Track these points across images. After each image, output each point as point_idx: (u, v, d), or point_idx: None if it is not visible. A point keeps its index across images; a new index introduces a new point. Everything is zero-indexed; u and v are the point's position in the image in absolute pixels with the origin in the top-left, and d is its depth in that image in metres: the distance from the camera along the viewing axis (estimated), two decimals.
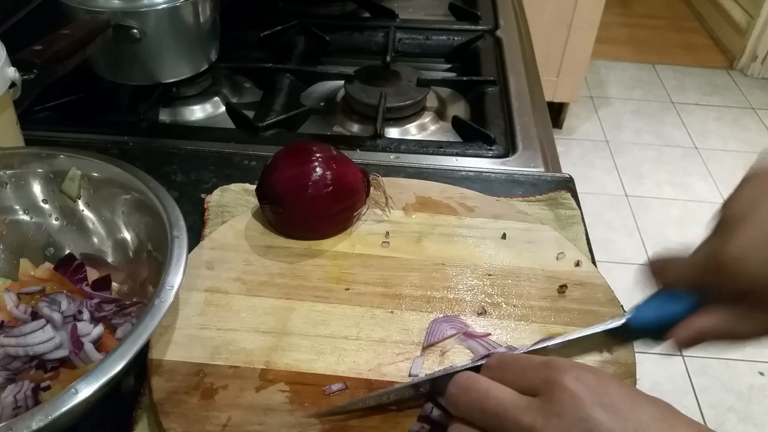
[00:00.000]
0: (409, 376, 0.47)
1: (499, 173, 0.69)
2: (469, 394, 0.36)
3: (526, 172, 0.70)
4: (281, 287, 0.53)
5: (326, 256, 0.57)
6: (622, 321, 0.46)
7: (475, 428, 0.36)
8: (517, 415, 0.34)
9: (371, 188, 0.61)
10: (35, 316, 0.46)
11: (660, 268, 0.45)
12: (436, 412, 0.43)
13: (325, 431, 0.43)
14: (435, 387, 0.43)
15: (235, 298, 0.52)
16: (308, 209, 0.56)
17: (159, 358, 0.47)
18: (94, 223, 0.55)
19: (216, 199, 0.63)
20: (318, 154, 0.57)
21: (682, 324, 0.43)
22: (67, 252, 0.54)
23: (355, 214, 0.59)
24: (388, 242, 0.58)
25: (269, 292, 0.53)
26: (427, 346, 0.49)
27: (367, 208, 0.61)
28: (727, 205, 0.41)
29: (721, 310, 0.41)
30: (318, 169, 0.56)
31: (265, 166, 0.58)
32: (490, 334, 0.50)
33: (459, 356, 0.49)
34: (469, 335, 0.50)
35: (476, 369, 0.40)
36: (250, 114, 0.79)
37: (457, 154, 0.73)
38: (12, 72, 0.56)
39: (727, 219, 0.41)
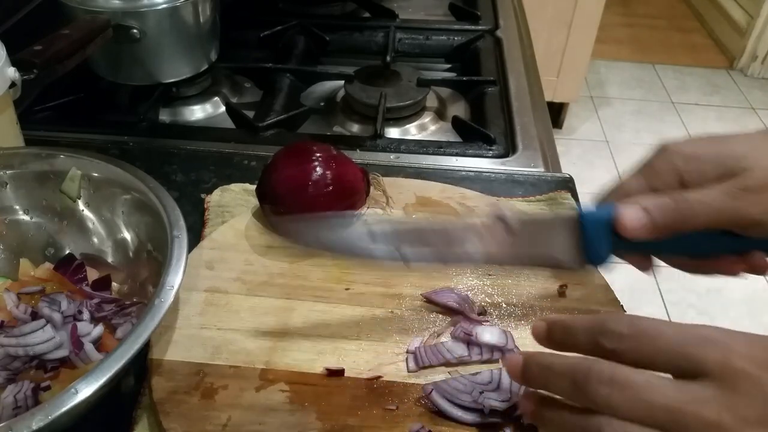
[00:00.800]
0: (406, 353, 0.48)
1: (499, 173, 0.69)
2: (625, 392, 0.31)
3: (526, 172, 0.70)
4: (281, 287, 0.53)
5: (326, 256, 0.56)
6: (574, 213, 0.43)
7: (639, 425, 0.30)
8: (696, 410, 0.29)
9: (371, 188, 0.61)
10: (35, 316, 0.46)
11: (611, 191, 0.44)
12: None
13: (325, 431, 0.43)
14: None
15: (235, 298, 0.52)
16: (308, 209, 0.56)
17: (159, 357, 0.47)
18: (94, 223, 0.55)
19: (216, 199, 0.63)
20: (318, 154, 0.57)
21: (626, 202, 0.40)
22: (67, 252, 0.54)
23: (355, 214, 0.59)
24: None
25: (269, 292, 0.53)
26: (427, 298, 0.52)
27: (367, 208, 0.61)
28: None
29: (665, 191, 0.41)
30: (318, 169, 0.56)
31: (265, 165, 0.58)
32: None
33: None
34: (465, 317, 0.51)
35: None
36: (250, 114, 0.79)
37: (457, 154, 0.73)
38: (12, 72, 0.56)
39: (750, 183, 0.38)
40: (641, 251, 0.43)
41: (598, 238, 0.42)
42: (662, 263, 0.44)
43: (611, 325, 0.33)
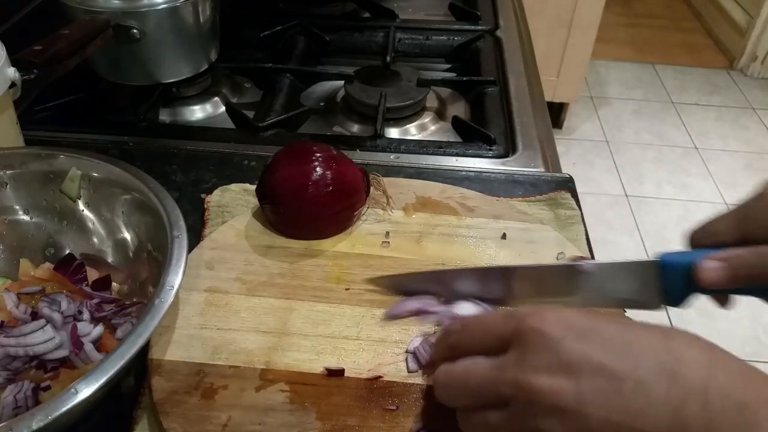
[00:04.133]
0: (406, 352, 0.48)
1: (499, 173, 0.69)
2: (451, 385, 0.37)
3: (526, 172, 0.70)
4: (281, 287, 0.53)
5: (326, 256, 0.57)
6: (653, 257, 0.43)
7: (476, 410, 0.36)
8: (500, 376, 0.34)
9: (371, 188, 0.61)
10: (35, 316, 0.46)
11: (701, 229, 0.43)
12: None
13: (325, 431, 0.43)
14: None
15: (235, 298, 0.52)
16: (308, 209, 0.56)
17: (159, 358, 0.47)
18: (94, 223, 0.55)
19: (216, 199, 0.63)
20: (318, 154, 0.57)
21: (709, 254, 0.40)
22: (67, 252, 0.54)
23: (355, 213, 0.59)
24: (389, 242, 0.58)
25: (269, 292, 0.53)
26: (387, 318, 0.51)
27: (367, 208, 0.61)
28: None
29: (752, 246, 0.39)
30: (318, 169, 0.56)
31: (265, 165, 0.58)
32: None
33: None
34: (431, 312, 0.51)
35: None
36: (250, 114, 0.79)
37: (457, 154, 0.73)
38: (12, 72, 0.56)
39: None
40: (722, 293, 0.43)
41: (675, 282, 0.42)
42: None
43: (449, 327, 0.39)
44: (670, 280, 0.43)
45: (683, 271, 0.41)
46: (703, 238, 0.42)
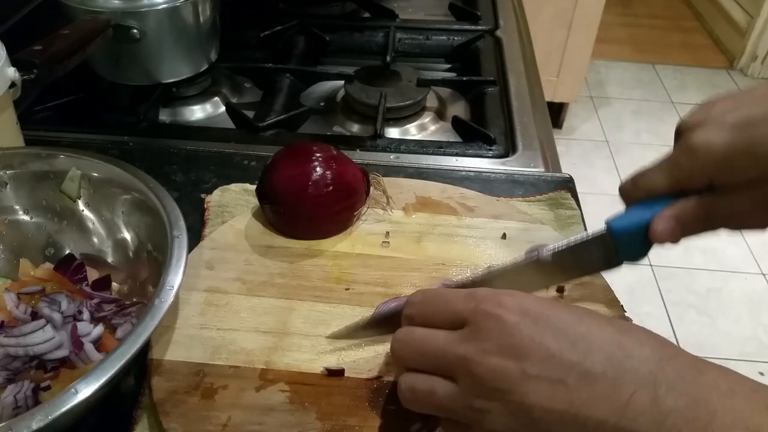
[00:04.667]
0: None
1: (499, 173, 0.69)
2: (408, 345, 0.38)
3: (526, 172, 0.70)
4: (281, 287, 0.53)
5: (326, 256, 0.57)
6: (603, 228, 0.45)
7: (423, 373, 0.37)
8: (451, 349, 0.36)
9: (371, 188, 0.61)
10: (35, 316, 0.46)
11: (632, 185, 0.46)
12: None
13: (325, 431, 0.43)
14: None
15: (235, 298, 0.52)
16: (308, 209, 0.56)
17: (159, 358, 0.47)
18: (94, 223, 0.55)
19: (216, 199, 0.63)
20: (318, 154, 0.57)
21: (659, 215, 0.43)
22: (67, 252, 0.54)
23: (355, 213, 0.59)
24: (388, 242, 0.58)
25: (269, 292, 0.53)
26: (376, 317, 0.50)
27: (368, 208, 0.61)
28: (684, 118, 0.44)
29: (696, 197, 0.42)
30: (318, 169, 0.56)
31: (266, 165, 0.58)
32: None
33: None
34: None
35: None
36: (250, 114, 0.79)
37: (457, 154, 0.73)
38: (12, 72, 0.56)
39: (688, 125, 0.42)
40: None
41: (631, 244, 0.45)
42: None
43: (410, 298, 0.41)
44: (624, 243, 0.45)
45: (635, 233, 0.44)
46: (635, 193, 0.45)
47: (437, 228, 0.60)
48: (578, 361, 0.32)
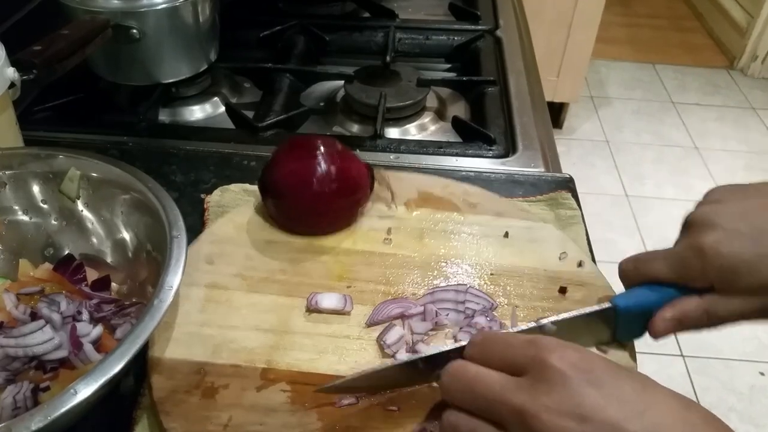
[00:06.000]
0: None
1: (499, 173, 0.69)
2: (460, 381, 0.37)
3: (526, 172, 0.70)
4: (282, 284, 0.53)
5: (328, 252, 0.56)
6: (609, 304, 0.47)
7: (469, 414, 0.36)
8: (506, 396, 0.34)
9: (375, 183, 0.60)
10: (34, 316, 0.46)
11: (634, 269, 0.47)
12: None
13: (326, 431, 0.43)
14: (429, 366, 0.43)
15: (235, 294, 0.52)
16: (311, 204, 0.55)
17: (159, 355, 0.47)
18: (93, 224, 0.55)
19: (216, 199, 0.63)
20: (322, 149, 0.56)
21: (662, 310, 0.45)
22: (67, 252, 0.54)
23: (358, 209, 0.59)
24: (390, 239, 0.58)
25: (270, 288, 0.53)
26: (370, 325, 0.50)
27: (371, 204, 0.61)
28: (693, 214, 0.45)
29: (697, 297, 0.44)
30: (323, 164, 0.55)
31: (269, 159, 0.57)
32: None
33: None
34: (410, 315, 0.51)
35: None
36: (250, 114, 0.79)
37: (457, 154, 0.73)
38: (11, 72, 0.56)
39: (697, 222, 0.44)
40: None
41: (630, 324, 0.47)
42: None
43: (473, 338, 0.40)
44: (625, 323, 0.47)
45: (638, 315, 0.46)
46: (636, 278, 0.47)
47: (439, 224, 0.59)
48: (638, 426, 0.31)
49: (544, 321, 0.46)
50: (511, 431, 0.34)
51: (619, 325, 0.47)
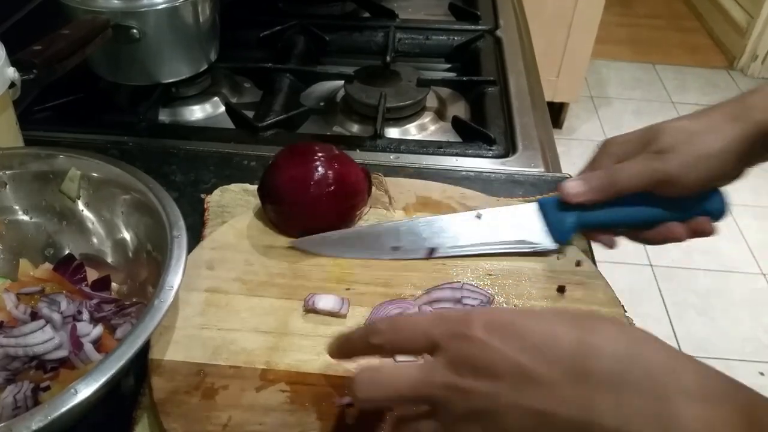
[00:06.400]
0: None
1: (499, 173, 0.69)
2: (378, 385, 0.35)
3: (526, 172, 0.70)
4: (282, 287, 0.53)
5: (327, 256, 0.56)
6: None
7: (410, 420, 0.36)
8: (428, 383, 0.34)
9: (373, 188, 0.60)
10: (35, 316, 0.46)
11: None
12: None
13: (326, 431, 0.43)
14: None
15: (235, 298, 0.52)
16: (310, 208, 0.56)
17: (159, 358, 0.47)
18: (93, 224, 0.55)
19: (216, 199, 0.63)
20: (320, 154, 0.56)
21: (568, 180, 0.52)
22: (67, 252, 0.54)
23: (357, 213, 0.59)
24: None
25: (270, 292, 0.53)
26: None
27: (369, 208, 0.61)
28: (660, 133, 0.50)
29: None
30: (320, 169, 0.55)
31: (268, 165, 0.58)
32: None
33: None
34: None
35: None
36: (250, 114, 0.79)
37: (457, 154, 0.73)
38: (12, 72, 0.56)
39: (660, 146, 0.49)
40: (598, 227, 0.54)
41: (557, 216, 0.54)
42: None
43: (376, 326, 0.38)
44: (551, 215, 0.54)
45: (558, 203, 0.53)
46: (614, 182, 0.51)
47: None
48: (544, 369, 0.32)
49: (479, 210, 0.57)
50: (444, 412, 0.34)
51: (549, 220, 0.54)
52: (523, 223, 0.55)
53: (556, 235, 0.55)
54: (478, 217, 0.56)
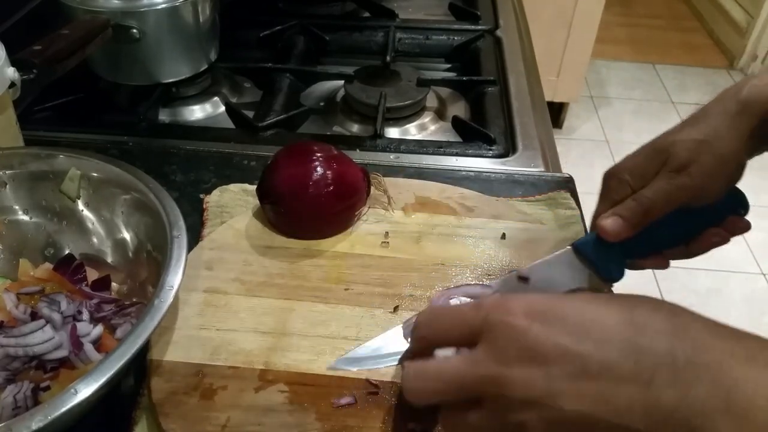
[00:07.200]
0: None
1: (499, 173, 0.69)
2: (426, 381, 0.36)
3: (526, 172, 0.70)
4: (280, 287, 0.53)
5: (325, 256, 0.56)
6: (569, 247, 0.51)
7: (459, 411, 0.35)
8: (473, 372, 0.34)
9: (372, 188, 0.60)
10: (35, 316, 0.46)
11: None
12: None
13: (324, 431, 0.43)
14: None
15: (234, 298, 0.52)
16: (309, 208, 0.56)
17: (158, 358, 0.47)
18: (93, 223, 0.55)
19: (215, 199, 0.63)
20: (319, 154, 0.57)
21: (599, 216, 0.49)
22: (67, 252, 0.54)
23: (355, 213, 0.59)
24: (388, 242, 0.58)
25: (268, 292, 0.53)
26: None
27: (368, 208, 0.61)
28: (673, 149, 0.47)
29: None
30: (319, 169, 0.56)
31: (266, 165, 0.58)
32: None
33: None
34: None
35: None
36: (250, 114, 0.79)
37: (457, 154, 0.73)
38: (12, 72, 0.56)
39: (678, 163, 0.47)
40: (644, 254, 0.51)
41: (599, 256, 0.50)
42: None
43: (417, 318, 0.39)
44: (595, 257, 0.50)
45: (596, 243, 0.49)
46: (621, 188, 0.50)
47: (436, 228, 0.60)
48: (594, 350, 0.32)
49: (520, 269, 0.49)
50: (491, 402, 0.34)
51: (595, 262, 0.50)
52: (565, 271, 0.51)
53: (606, 274, 0.51)
54: (524, 280, 0.51)
